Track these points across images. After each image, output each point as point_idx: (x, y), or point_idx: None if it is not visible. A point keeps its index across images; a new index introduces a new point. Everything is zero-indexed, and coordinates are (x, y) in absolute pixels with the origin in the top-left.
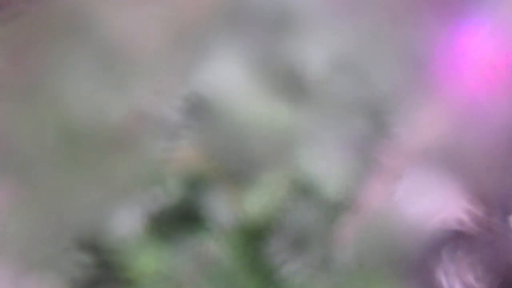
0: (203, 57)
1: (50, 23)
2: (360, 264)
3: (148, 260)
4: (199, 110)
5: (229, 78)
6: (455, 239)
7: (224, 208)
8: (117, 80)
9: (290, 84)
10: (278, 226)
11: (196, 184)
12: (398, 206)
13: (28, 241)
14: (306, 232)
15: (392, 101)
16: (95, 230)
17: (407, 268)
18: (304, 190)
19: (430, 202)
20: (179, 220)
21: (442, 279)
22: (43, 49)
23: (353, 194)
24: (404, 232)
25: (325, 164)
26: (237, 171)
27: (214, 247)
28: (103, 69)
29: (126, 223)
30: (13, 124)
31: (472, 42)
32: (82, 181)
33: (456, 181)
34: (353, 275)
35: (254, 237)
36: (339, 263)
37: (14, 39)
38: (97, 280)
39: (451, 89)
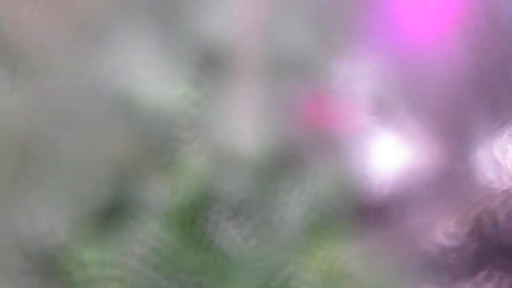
0: (108, 45)
1: None
2: (305, 222)
3: (89, 253)
4: (113, 98)
5: (137, 63)
6: (429, 189)
7: (156, 191)
8: (25, 83)
9: (198, 57)
10: (211, 199)
11: (125, 172)
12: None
13: None
14: (241, 200)
15: (319, 56)
16: (34, 232)
17: (380, 223)
18: (229, 159)
19: (393, 161)
20: (114, 209)
21: (418, 228)
22: None
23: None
24: (376, 195)
25: (245, 128)
26: (161, 151)
27: (153, 230)
28: (11, 75)
29: (64, 221)
30: None
31: None
32: (13, 184)
33: (418, 130)
34: (299, 234)
35: (190, 215)
36: (282, 225)
37: None
38: (42, 281)
39: (391, 42)
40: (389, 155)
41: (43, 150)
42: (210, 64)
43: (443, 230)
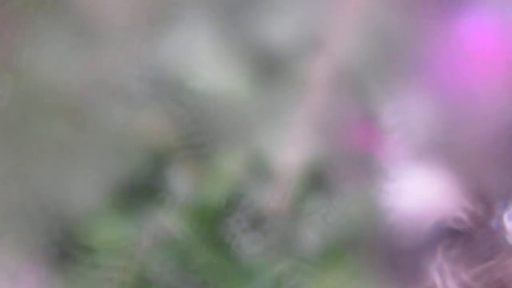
0: (170, 29)
1: None
2: (323, 246)
3: (106, 232)
4: (165, 81)
5: (195, 51)
6: (450, 237)
7: (183, 183)
8: (84, 50)
9: (257, 58)
10: (236, 204)
11: (158, 154)
12: (387, 200)
13: None
14: (264, 212)
15: (373, 84)
16: (56, 200)
17: (397, 265)
18: (264, 170)
19: (424, 199)
20: (139, 192)
21: (436, 277)
22: (14, 20)
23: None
24: (397, 228)
25: (287, 145)
26: (198, 145)
27: (171, 221)
28: (71, 39)
29: (87, 193)
30: None
31: (471, 36)
32: (45, 151)
33: (453, 178)
34: (314, 257)
35: (211, 214)
36: (301, 244)
37: None
38: (58, 248)
39: (448, 83)
40: (420, 195)
41: (84, 119)
42: (269, 68)
43: (463, 277)
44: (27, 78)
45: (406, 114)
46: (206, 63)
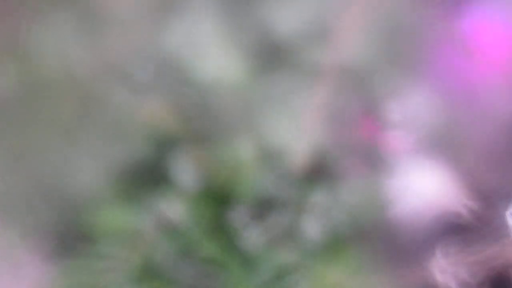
0: (176, 16)
1: None
2: (327, 238)
3: (110, 220)
4: (170, 68)
5: (201, 38)
6: (451, 232)
7: (188, 171)
8: (89, 36)
9: (262, 48)
10: (242, 191)
11: (162, 142)
12: (390, 193)
13: None
14: (270, 200)
15: (378, 77)
16: (60, 188)
17: (398, 258)
18: (270, 157)
19: (426, 193)
20: (144, 177)
21: (436, 270)
22: (25, 7)
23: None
24: (398, 221)
25: (293, 132)
26: (204, 131)
27: (175, 210)
28: (80, 26)
29: (90, 177)
30: None
31: (474, 33)
32: (49, 137)
33: (454, 173)
34: (319, 246)
35: (217, 201)
36: (305, 235)
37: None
38: (61, 237)
39: (451, 79)
40: (422, 189)
41: (89, 106)
42: (275, 56)
43: (461, 273)
44: (32, 64)
45: (410, 109)
46: (211, 50)
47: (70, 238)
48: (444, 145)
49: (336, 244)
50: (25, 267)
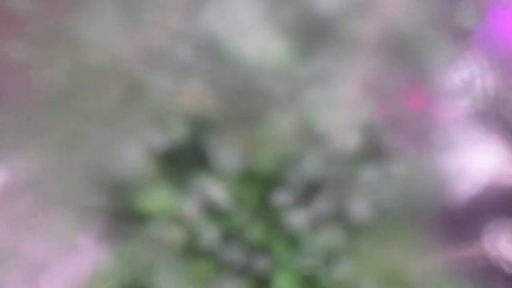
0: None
1: None
2: (377, 216)
3: (156, 199)
4: (209, 50)
5: (240, 18)
6: (504, 209)
7: (230, 151)
8: (131, 20)
9: (303, 24)
10: (286, 173)
11: (203, 124)
12: (434, 161)
13: (50, 177)
14: (315, 181)
15: (421, 42)
16: (106, 167)
17: (451, 236)
18: (315, 137)
19: (478, 168)
20: (185, 159)
21: (489, 250)
22: None
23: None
24: (446, 188)
25: (337, 110)
26: (246, 112)
27: (220, 189)
28: (119, 10)
29: (134, 160)
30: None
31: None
32: (96, 120)
33: (509, 147)
34: (368, 226)
35: (261, 183)
36: (353, 214)
37: None
38: (110, 213)
39: (501, 46)
40: (481, 161)
41: (134, 88)
42: (316, 32)
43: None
44: (78, 54)
45: (461, 78)
46: (251, 29)
47: (119, 220)
48: (497, 117)
49: (384, 224)
50: (80, 249)
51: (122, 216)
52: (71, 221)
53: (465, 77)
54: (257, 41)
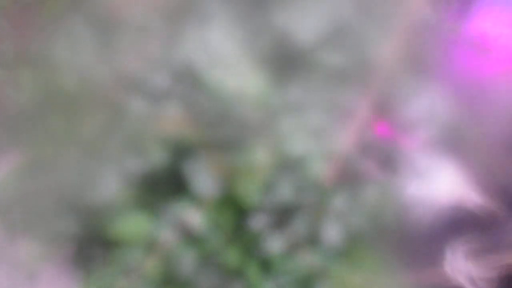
0: (192, 24)
1: None
2: (349, 240)
3: (130, 226)
4: (187, 77)
5: (218, 46)
6: (465, 231)
7: (208, 177)
8: (107, 46)
9: (279, 54)
10: (261, 199)
11: (180, 150)
12: (399, 186)
13: (16, 203)
14: (290, 207)
15: (386, 74)
16: (79, 193)
17: (415, 259)
18: (289, 164)
19: (440, 192)
20: (162, 185)
21: (451, 272)
22: (41, 17)
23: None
24: (407, 213)
25: (311, 138)
26: (222, 139)
27: (196, 215)
28: (95, 35)
29: (110, 186)
30: (11, 86)
31: (486, 31)
32: (68, 145)
33: (468, 172)
34: (339, 250)
35: (236, 208)
36: (326, 237)
37: (16, 10)
38: (81, 240)
39: (461, 76)
40: (443, 186)
41: (109, 113)
42: (292, 66)
43: (475, 272)
44: (49, 75)
45: (424, 108)
46: (228, 57)
47: (92, 247)
48: (459, 143)
49: (356, 247)
50: (46, 275)
51: (95, 243)
52: (38, 249)
53: (427, 106)
54: (234, 71)
